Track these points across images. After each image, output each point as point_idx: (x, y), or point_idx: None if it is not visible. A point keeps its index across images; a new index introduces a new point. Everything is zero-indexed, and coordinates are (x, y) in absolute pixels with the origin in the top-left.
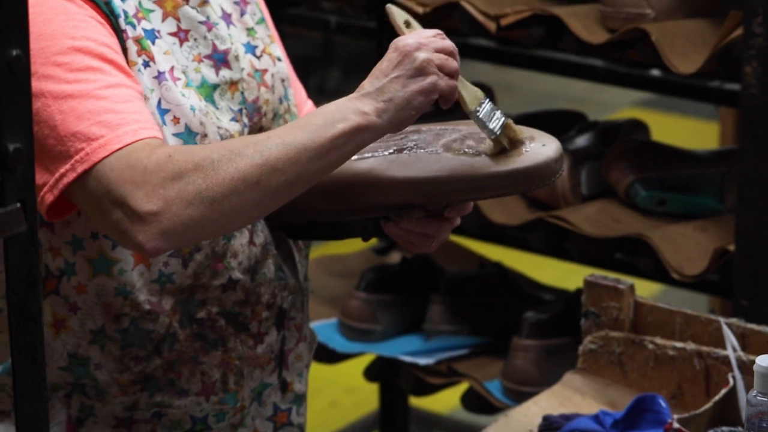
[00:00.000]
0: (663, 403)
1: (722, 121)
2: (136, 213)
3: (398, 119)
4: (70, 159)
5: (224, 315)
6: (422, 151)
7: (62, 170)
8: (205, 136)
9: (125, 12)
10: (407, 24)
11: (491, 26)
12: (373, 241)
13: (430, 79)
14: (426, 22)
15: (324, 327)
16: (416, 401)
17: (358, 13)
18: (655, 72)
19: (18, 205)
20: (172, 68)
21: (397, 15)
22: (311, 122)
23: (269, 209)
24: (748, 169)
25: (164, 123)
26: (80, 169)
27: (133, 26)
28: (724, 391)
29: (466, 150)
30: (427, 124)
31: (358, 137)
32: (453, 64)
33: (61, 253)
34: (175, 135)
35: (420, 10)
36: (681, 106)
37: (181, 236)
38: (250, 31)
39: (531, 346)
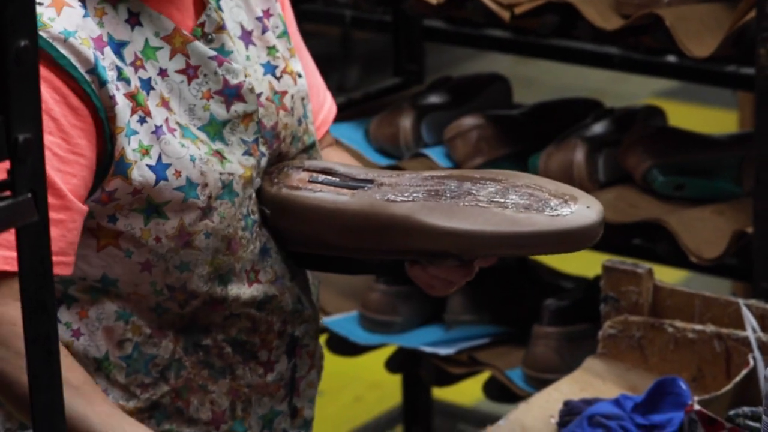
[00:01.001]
0: (683, 386)
1: (741, 108)
2: None
3: None
4: None
5: (230, 342)
6: (464, 201)
7: None
8: (205, 185)
9: (119, 68)
10: None
11: (505, 15)
12: None
13: None
14: (440, 13)
15: (344, 320)
16: (439, 393)
17: (373, 7)
18: (672, 58)
19: (29, 195)
20: (166, 119)
21: None
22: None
23: None
24: (765, 152)
25: (166, 179)
26: None
27: (128, 82)
28: (744, 372)
29: (510, 205)
30: (460, 170)
31: None
32: None
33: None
34: (177, 189)
35: (434, 1)
36: (700, 96)
37: None
38: (270, 50)
39: (552, 333)
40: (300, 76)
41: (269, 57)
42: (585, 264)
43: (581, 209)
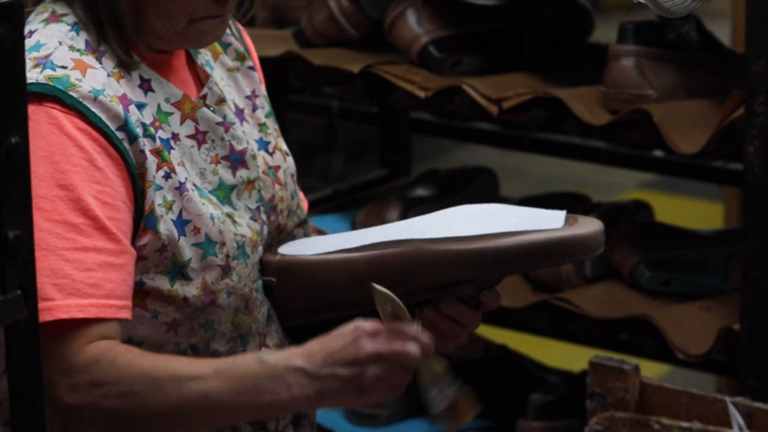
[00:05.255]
0: None
1: (727, 202)
2: (56, 397)
3: (320, 405)
4: None
5: None
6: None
7: None
8: (223, 244)
9: (144, 125)
10: (393, 314)
11: (493, 110)
12: None
13: (369, 396)
14: (428, 106)
15: (330, 413)
16: None
17: (360, 98)
18: (658, 153)
19: (18, 292)
20: (186, 178)
21: (381, 299)
22: (241, 380)
23: None
24: (753, 248)
25: (184, 234)
26: None
27: (153, 138)
28: None
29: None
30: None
31: (279, 411)
32: (402, 379)
33: None
34: (195, 245)
35: (422, 94)
36: (685, 188)
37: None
38: (262, 126)
39: (537, 428)
40: (288, 154)
41: (261, 133)
42: (570, 357)
43: (584, 219)
